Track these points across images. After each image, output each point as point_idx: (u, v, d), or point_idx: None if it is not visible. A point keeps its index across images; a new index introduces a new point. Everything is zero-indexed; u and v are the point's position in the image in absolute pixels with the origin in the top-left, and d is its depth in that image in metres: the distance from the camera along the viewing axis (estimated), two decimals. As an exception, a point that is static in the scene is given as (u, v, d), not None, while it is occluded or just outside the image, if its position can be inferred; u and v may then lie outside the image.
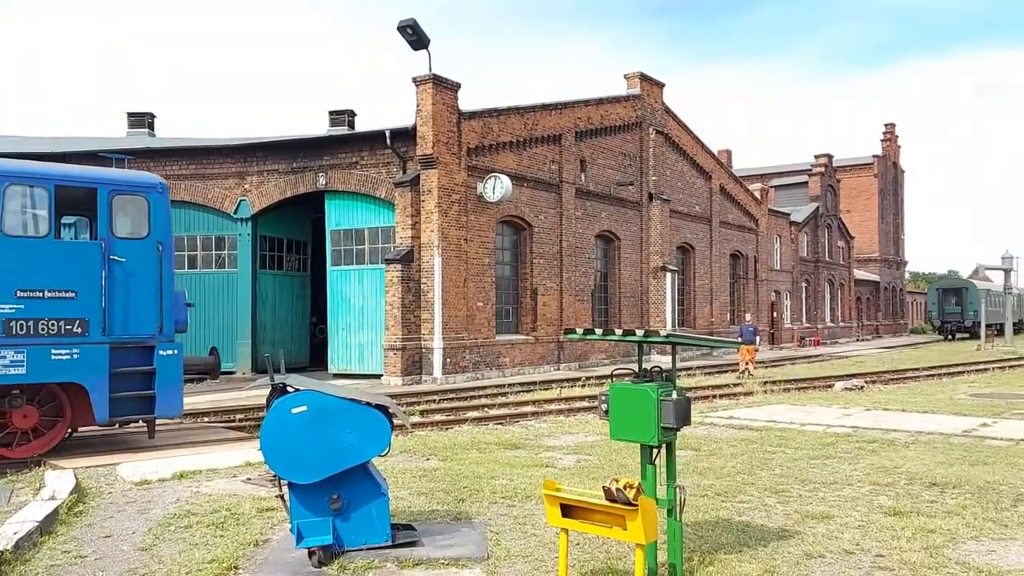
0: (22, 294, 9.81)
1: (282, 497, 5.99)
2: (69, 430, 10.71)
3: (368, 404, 5.98)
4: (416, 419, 13.96)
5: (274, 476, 5.93)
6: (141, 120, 32.21)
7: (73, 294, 10.09)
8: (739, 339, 25.11)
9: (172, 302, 10.93)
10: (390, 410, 6.10)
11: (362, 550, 5.89)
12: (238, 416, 15.36)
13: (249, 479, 8.69)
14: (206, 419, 14.89)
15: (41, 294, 9.92)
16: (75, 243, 10.65)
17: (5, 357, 9.67)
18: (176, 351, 10.80)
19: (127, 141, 29.72)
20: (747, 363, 24.22)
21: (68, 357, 10.05)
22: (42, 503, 7.26)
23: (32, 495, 7.89)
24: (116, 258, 10.36)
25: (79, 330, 10.12)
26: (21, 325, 9.78)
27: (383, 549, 5.92)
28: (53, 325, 9.98)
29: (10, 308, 9.73)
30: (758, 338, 26.49)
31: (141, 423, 11.09)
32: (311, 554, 5.72)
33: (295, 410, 5.76)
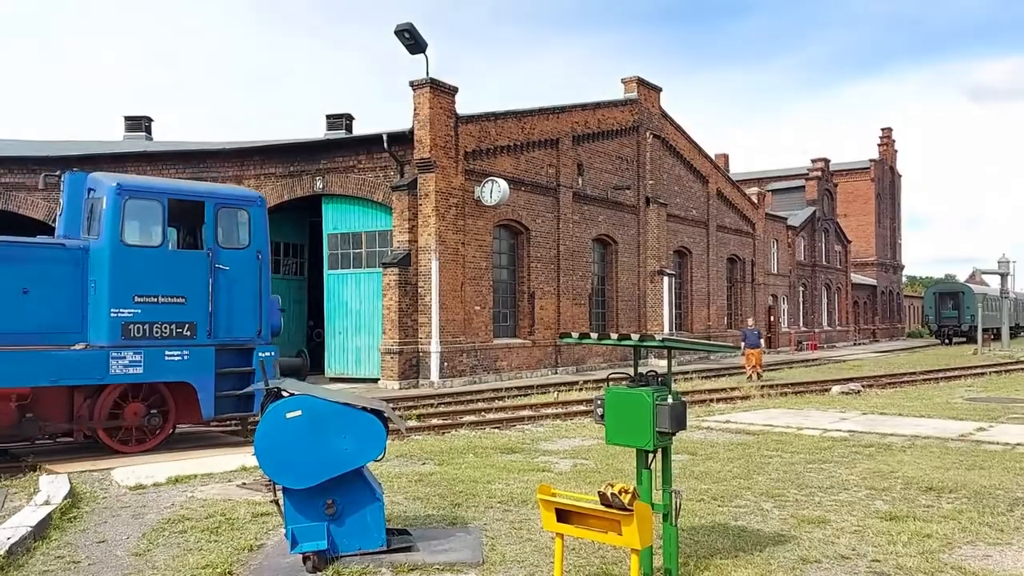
0: (139, 299, 10.54)
1: (277, 502, 5.97)
2: (173, 428, 11.34)
3: (363, 408, 5.97)
4: (412, 423, 13.94)
5: (269, 481, 5.92)
6: (138, 124, 32.20)
7: (183, 300, 10.86)
8: (742, 343, 25.15)
9: (269, 307, 11.79)
10: (385, 414, 6.08)
11: (357, 555, 5.87)
12: (233, 420, 15.26)
13: (244, 484, 8.67)
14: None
15: (156, 299, 10.67)
16: (185, 252, 11.34)
17: (125, 358, 10.36)
18: (272, 353, 11.52)
19: (124, 144, 29.70)
20: (754, 367, 24.30)
21: (179, 358, 10.78)
22: (36, 508, 7.23)
23: (26, 500, 7.86)
24: (220, 266, 11.12)
25: (188, 333, 10.90)
26: (138, 328, 10.53)
27: (378, 554, 5.90)
28: (166, 328, 10.74)
29: (129, 312, 10.46)
30: (762, 341, 26.45)
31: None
32: (306, 559, 5.70)
33: (290, 415, 5.75)
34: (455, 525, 6.89)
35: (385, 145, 22.59)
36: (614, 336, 5.70)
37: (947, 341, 56.16)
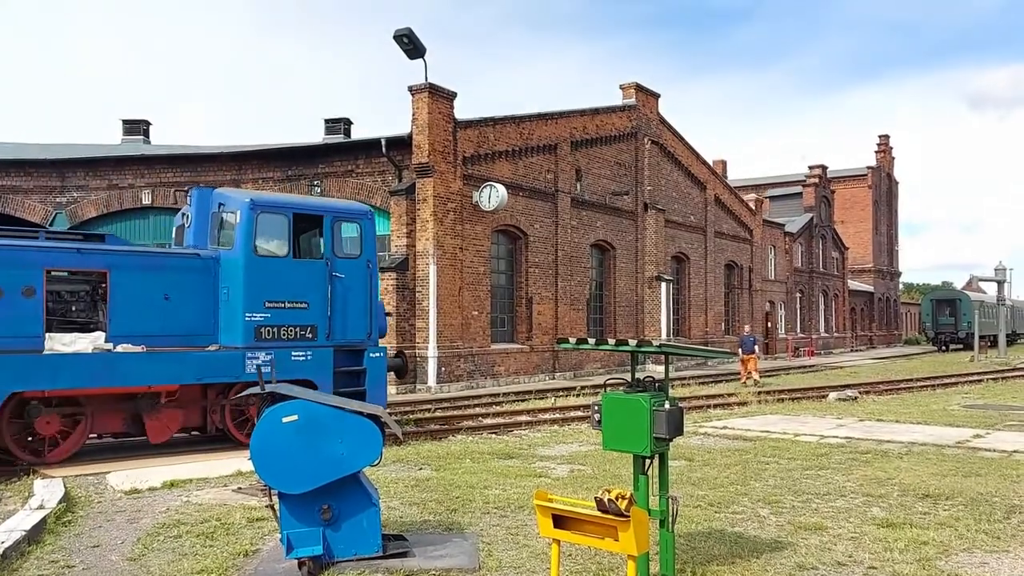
0: (269, 305, 11.54)
1: (272, 507, 5.95)
2: None
3: (360, 413, 5.95)
4: (409, 428, 13.92)
5: (265, 486, 5.89)
6: (136, 127, 32.20)
7: (305, 305, 11.86)
8: (740, 350, 25.73)
9: (377, 312, 12.80)
10: (382, 419, 6.07)
11: (352, 561, 5.85)
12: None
13: (240, 488, 8.61)
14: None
15: (283, 304, 11.67)
16: (307, 261, 12.13)
17: (258, 357, 11.33)
18: (381, 354, 12.61)
19: (122, 148, 29.69)
20: (749, 372, 24.94)
21: (303, 358, 11.77)
22: (30, 512, 7.21)
23: (21, 504, 7.83)
24: (337, 274, 12.12)
25: (310, 335, 11.92)
26: (269, 331, 11.54)
27: (374, 560, 5.88)
28: (292, 331, 11.75)
29: (260, 316, 11.45)
30: (757, 347, 26.84)
31: None
32: (301, 564, 5.68)
33: (286, 419, 5.73)
34: (451, 531, 6.88)
35: (383, 150, 22.60)
36: (612, 342, 5.70)
37: (944, 348, 56.20)
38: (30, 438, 10.29)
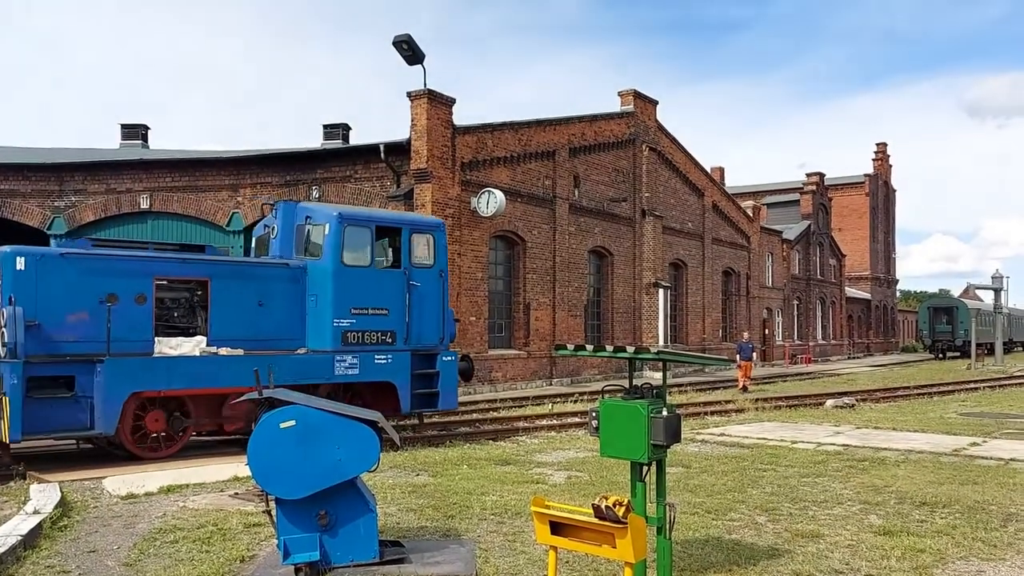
0: (355, 311, 12.30)
1: (269, 512, 5.94)
2: None
3: (357, 419, 5.95)
4: (407, 434, 13.90)
5: (261, 491, 5.89)
6: (135, 132, 32.20)
7: (386, 311, 12.63)
8: (737, 356, 25.94)
9: (448, 318, 13.56)
10: (379, 425, 6.06)
11: (349, 567, 5.84)
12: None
13: (236, 494, 8.63)
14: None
15: (366, 311, 12.42)
16: (387, 271, 12.86)
17: (345, 360, 12.17)
18: (452, 358, 13.43)
19: (121, 153, 29.70)
20: (745, 378, 25.15)
21: (385, 361, 12.55)
22: (26, 517, 7.19)
23: (16, 509, 7.81)
24: (414, 283, 12.90)
25: (390, 340, 12.69)
26: (355, 336, 12.31)
27: (370, 566, 5.87)
28: (374, 336, 12.52)
29: (347, 322, 12.20)
30: (755, 355, 27.11)
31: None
32: (298, 571, 5.67)
33: (283, 425, 5.72)
34: (448, 537, 6.87)
35: (382, 155, 22.62)
36: (609, 348, 5.70)
37: (941, 356, 56.24)
38: (143, 435, 10.99)
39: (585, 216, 28.52)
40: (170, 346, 11.16)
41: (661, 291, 32.01)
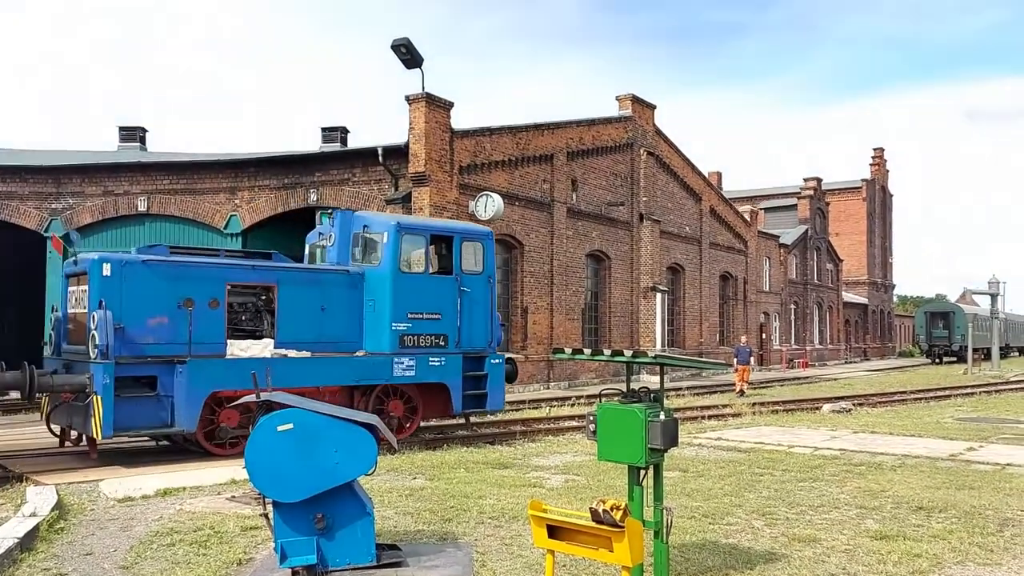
0: (411, 316, 12.91)
1: (266, 515, 5.93)
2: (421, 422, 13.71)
3: (355, 422, 5.95)
4: (403, 437, 13.88)
5: (259, 494, 5.88)
6: (133, 134, 32.16)
7: (439, 316, 13.20)
8: (734, 360, 26.06)
9: (495, 322, 14.12)
10: (377, 428, 6.06)
11: (346, 570, 5.83)
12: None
13: (233, 497, 8.62)
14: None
15: (421, 316, 13.02)
16: (440, 277, 13.34)
17: (403, 362, 12.78)
18: (499, 360, 13.92)
19: (118, 155, 29.67)
20: (742, 382, 25.26)
21: (439, 364, 13.10)
22: (23, 519, 7.17)
23: (13, 511, 7.79)
24: (464, 289, 13.48)
25: (443, 343, 13.27)
26: (411, 339, 12.92)
27: (367, 570, 5.86)
28: (428, 339, 13.11)
29: (404, 326, 12.82)
30: (752, 359, 27.19)
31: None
32: (295, 574, 5.66)
33: (281, 428, 5.72)
34: (445, 541, 6.87)
35: (380, 158, 22.64)
36: (607, 352, 5.71)
37: (937, 360, 56.32)
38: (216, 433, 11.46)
39: (583, 220, 28.55)
40: (240, 348, 11.70)
41: (659, 295, 32.03)
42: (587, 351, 5.92)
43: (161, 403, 10.87)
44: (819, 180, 55.17)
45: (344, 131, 30.63)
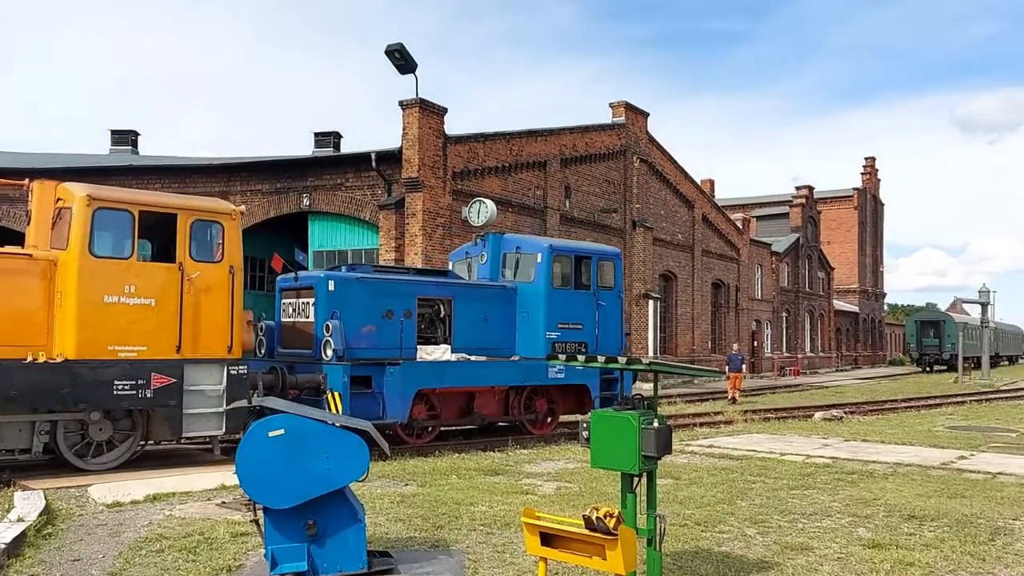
0: (561, 325, 14.74)
1: (256, 522, 5.89)
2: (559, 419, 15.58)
3: (346, 428, 5.91)
4: (395, 443, 13.82)
5: (249, 500, 5.83)
6: (125, 138, 32.08)
7: (580, 326, 15.01)
8: (726, 368, 26.17)
9: (623, 332, 16.10)
10: (369, 434, 6.03)
11: (337, 577, 5.79)
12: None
13: (224, 503, 8.55)
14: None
15: (567, 325, 14.81)
16: (580, 292, 15.16)
17: (555, 366, 14.51)
18: None
19: (110, 158, 29.57)
20: (734, 389, 25.53)
21: (582, 368, 13.33)
22: (10, 525, 7.10)
23: (0, 516, 7.71)
24: (601, 302, 15.32)
25: (584, 350, 14.89)
26: (560, 346, 14.67)
27: (359, 576, 5.83)
28: (573, 346, 14.81)
29: (555, 335, 14.62)
30: (744, 367, 27.35)
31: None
32: (285, 581, 5.61)
33: (272, 433, 5.68)
34: (437, 548, 6.83)
35: (373, 164, 22.62)
36: (601, 359, 5.70)
37: (928, 369, 56.50)
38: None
39: (576, 227, 28.56)
40: (427, 352, 13.56)
41: (651, 302, 32.05)
42: (581, 358, 5.91)
43: (375, 399, 12.64)
44: (811, 188, 55.39)
45: (337, 136, 30.60)
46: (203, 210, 11.24)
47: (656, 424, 5.28)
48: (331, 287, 12.59)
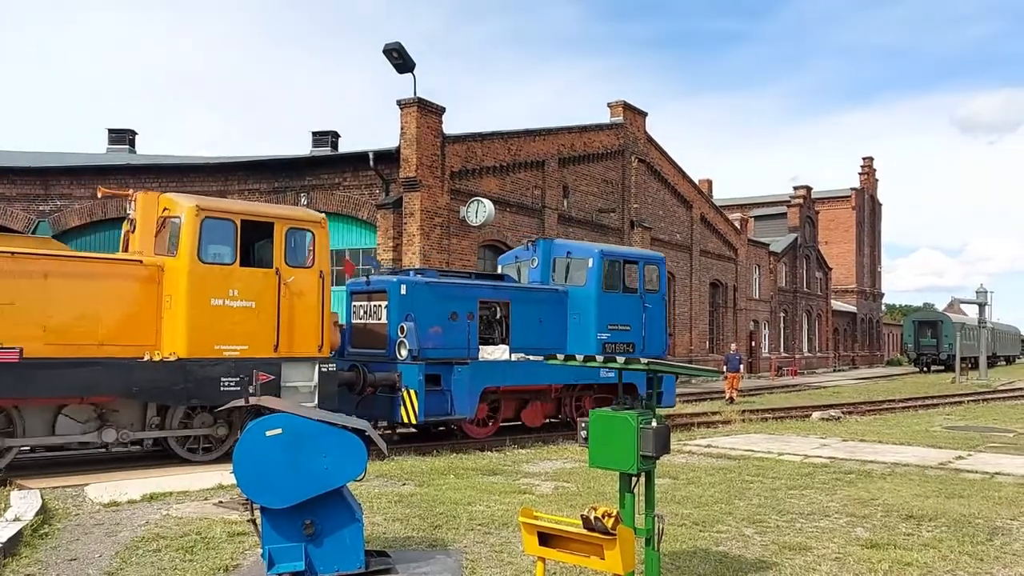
0: (610, 327, 15.53)
1: (254, 521, 5.87)
2: None
3: (344, 427, 5.89)
4: (393, 443, 13.82)
5: (246, 500, 5.81)
6: (122, 137, 31.99)
7: (628, 327, 15.83)
8: (725, 367, 26.19)
9: (665, 333, 16.90)
10: (367, 433, 6.01)
11: (335, 577, 5.78)
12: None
13: (221, 502, 8.54)
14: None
15: (617, 327, 15.62)
16: (629, 295, 15.97)
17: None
18: None
19: (107, 158, 29.52)
20: (732, 389, 25.53)
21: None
22: (6, 524, 7.08)
23: (-4, 516, 7.69)
24: (647, 305, 16.16)
25: (631, 350, 15.63)
26: (611, 346, 15.46)
27: (356, 576, 5.82)
28: (621, 347, 15.59)
29: (606, 336, 15.44)
30: (742, 367, 27.41)
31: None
32: (282, 580, 5.59)
33: (269, 432, 5.66)
34: (435, 547, 6.81)
35: (371, 163, 22.58)
36: (600, 359, 5.69)
37: (926, 369, 56.57)
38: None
39: (574, 226, 28.55)
40: (487, 352, 14.20)
41: (649, 302, 32.04)
42: (579, 357, 5.90)
43: (444, 396, 13.28)
44: (809, 189, 55.44)
45: (335, 135, 30.56)
46: (296, 219, 12.05)
47: (654, 424, 5.27)
48: (403, 291, 13.30)
